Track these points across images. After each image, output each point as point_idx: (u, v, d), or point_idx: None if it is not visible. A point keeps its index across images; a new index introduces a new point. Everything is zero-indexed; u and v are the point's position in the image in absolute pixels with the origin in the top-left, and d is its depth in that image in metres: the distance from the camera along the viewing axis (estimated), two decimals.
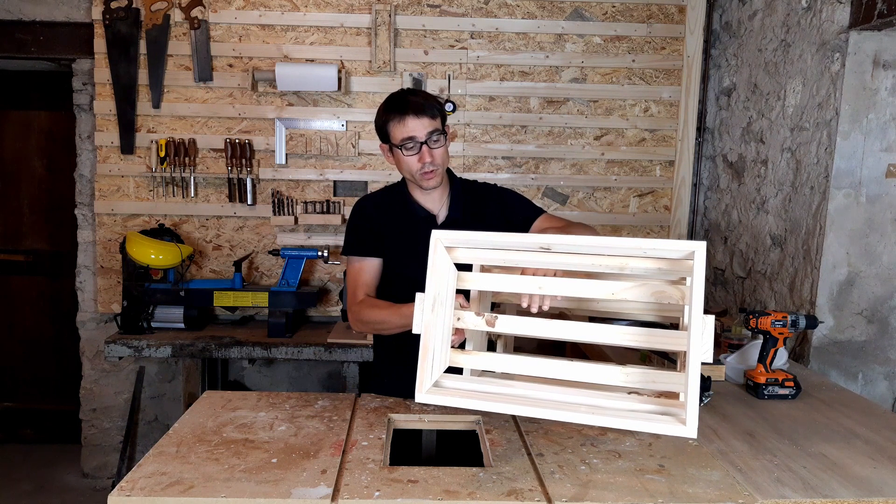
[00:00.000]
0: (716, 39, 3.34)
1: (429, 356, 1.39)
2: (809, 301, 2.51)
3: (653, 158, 3.31)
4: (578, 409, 1.33)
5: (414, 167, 1.78)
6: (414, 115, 1.74)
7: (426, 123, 1.75)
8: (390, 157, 1.85)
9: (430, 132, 1.76)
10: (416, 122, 1.74)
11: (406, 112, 1.74)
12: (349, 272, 1.91)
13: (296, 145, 3.18)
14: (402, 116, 1.74)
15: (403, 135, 1.75)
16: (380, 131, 1.83)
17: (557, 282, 1.41)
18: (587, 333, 1.38)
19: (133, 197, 3.21)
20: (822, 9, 2.49)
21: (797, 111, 2.64)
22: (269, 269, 3.30)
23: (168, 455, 1.40)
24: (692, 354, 1.22)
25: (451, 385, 1.43)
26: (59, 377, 3.72)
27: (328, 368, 3.46)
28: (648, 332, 1.35)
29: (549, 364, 1.40)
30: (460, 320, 1.45)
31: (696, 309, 1.23)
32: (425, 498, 1.25)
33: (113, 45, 3.10)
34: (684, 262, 1.31)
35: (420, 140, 1.75)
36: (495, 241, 1.42)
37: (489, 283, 1.48)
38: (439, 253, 1.42)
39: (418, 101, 1.77)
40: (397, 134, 1.76)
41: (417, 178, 1.80)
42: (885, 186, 2.41)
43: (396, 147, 1.78)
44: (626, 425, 1.28)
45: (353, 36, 3.18)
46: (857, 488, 1.37)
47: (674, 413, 1.28)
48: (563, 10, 3.21)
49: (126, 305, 2.98)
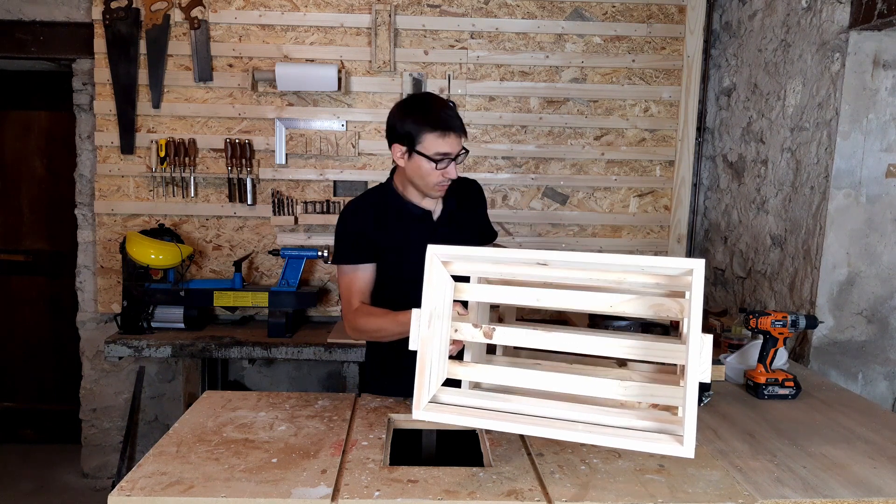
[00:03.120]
0: (716, 39, 3.34)
1: (426, 373, 1.37)
2: (809, 301, 2.51)
3: (653, 158, 3.31)
4: (576, 427, 1.31)
5: (435, 180, 1.79)
6: (456, 135, 1.77)
7: (461, 140, 1.80)
8: (404, 161, 1.80)
9: (460, 151, 1.80)
10: (456, 141, 1.77)
11: (450, 129, 1.76)
12: (342, 281, 1.88)
13: (296, 145, 3.18)
14: (446, 132, 1.75)
15: (442, 149, 1.75)
16: (402, 135, 1.78)
17: (555, 294, 1.39)
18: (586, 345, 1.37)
19: (133, 197, 3.21)
20: (822, 9, 2.49)
21: (797, 111, 2.64)
22: (269, 269, 3.30)
23: (168, 455, 1.40)
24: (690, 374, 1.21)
25: (449, 400, 1.40)
26: (59, 377, 3.72)
27: (328, 368, 3.46)
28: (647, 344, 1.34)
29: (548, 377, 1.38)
30: (458, 332, 1.43)
31: (694, 329, 1.22)
32: (425, 498, 1.25)
33: (113, 45, 3.10)
34: (683, 279, 1.30)
35: (452, 157, 1.77)
36: (492, 256, 1.41)
37: (487, 294, 1.46)
38: (435, 267, 1.40)
39: (458, 119, 1.80)
40: (434, 147, 1.75)
41: (431, 187, 1.81)
42: (885, 186, 2.41)
43: (426, 157, 1.76)
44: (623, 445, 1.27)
45: (353, 36, 3.18)
46: (857, 488, 1.37)
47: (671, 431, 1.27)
48: (563, 10, 3.21)
49: (126, 305, 2.98)
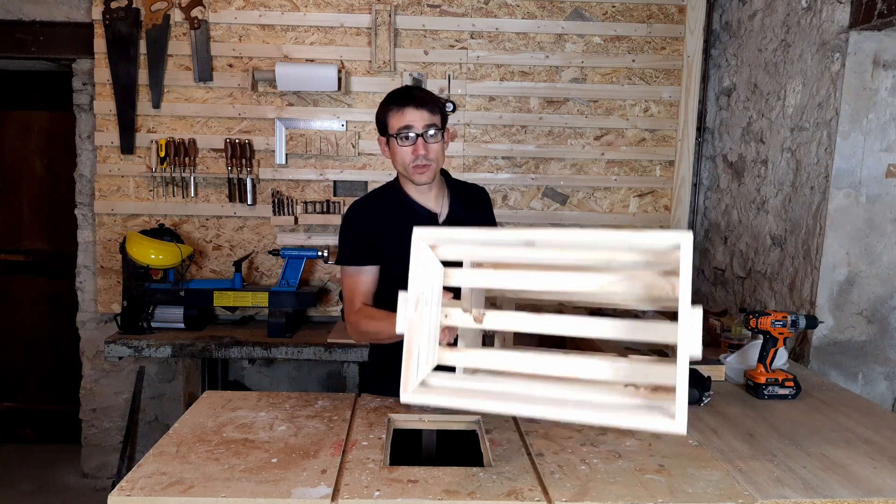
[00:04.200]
0: (716, 39, 3.34)
1: (413, 355, 1.35)
2: (809, 301, 2.51)
3: (653, 158, 3.31)
4: (565, 405, 1.28)
5: (407, 158, 1.77)
6: (414, 107, 1.75)
7: (425, 116, 1.76)
8: (386, 151, 1.84)
9: (428, 125, 1.77)
10: (416, 114, 1.75)
11: (407, 103, 1.76)
12: (345, 282, 1.87)
13: (296, 145, 3.18)
14: (402, 107, 1.76)
15: (401, 124, 1.76)
16: (379, 124, 1.83)
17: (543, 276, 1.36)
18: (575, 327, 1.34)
19: (133, 197, 3.21)
20: (822, 9, 2.49)
21: (797, 111, 2.64)
22: (269, 269, 3.30)
23: (168, 455, 1.40)
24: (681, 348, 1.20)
25: (438, 384, 1.38)
26: (59, 377, 3.72)
27: (328, 368, 3.46)
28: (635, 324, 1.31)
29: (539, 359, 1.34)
30: (448, 317, 1.41)
31: (683, 302, 1.20)
32: (425, 498, 1.25)
33: (113, 45, 3.10)
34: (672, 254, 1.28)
35: (417, 131, 1.75)
36: (479, 237, 1.38)
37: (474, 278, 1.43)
38: (422, 251, 1.39)
39: (421, 94, 1.79)
40: (395, 123, 1.77)
41: (410, 170, 1.79)
42: (885, 186, 2.41)
43: (392, 137, 1.78)
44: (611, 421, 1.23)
45: (353, 36, 3.18)
46: (857, 488, 1.37)
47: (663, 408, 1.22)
48: (563, 10, 3.21)
49: (126, 305, 2.98)
